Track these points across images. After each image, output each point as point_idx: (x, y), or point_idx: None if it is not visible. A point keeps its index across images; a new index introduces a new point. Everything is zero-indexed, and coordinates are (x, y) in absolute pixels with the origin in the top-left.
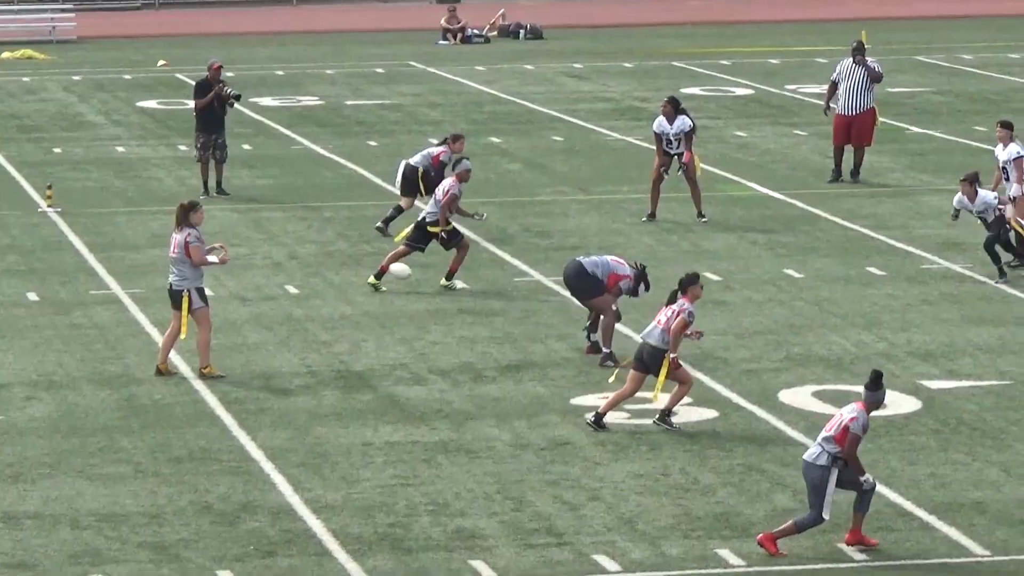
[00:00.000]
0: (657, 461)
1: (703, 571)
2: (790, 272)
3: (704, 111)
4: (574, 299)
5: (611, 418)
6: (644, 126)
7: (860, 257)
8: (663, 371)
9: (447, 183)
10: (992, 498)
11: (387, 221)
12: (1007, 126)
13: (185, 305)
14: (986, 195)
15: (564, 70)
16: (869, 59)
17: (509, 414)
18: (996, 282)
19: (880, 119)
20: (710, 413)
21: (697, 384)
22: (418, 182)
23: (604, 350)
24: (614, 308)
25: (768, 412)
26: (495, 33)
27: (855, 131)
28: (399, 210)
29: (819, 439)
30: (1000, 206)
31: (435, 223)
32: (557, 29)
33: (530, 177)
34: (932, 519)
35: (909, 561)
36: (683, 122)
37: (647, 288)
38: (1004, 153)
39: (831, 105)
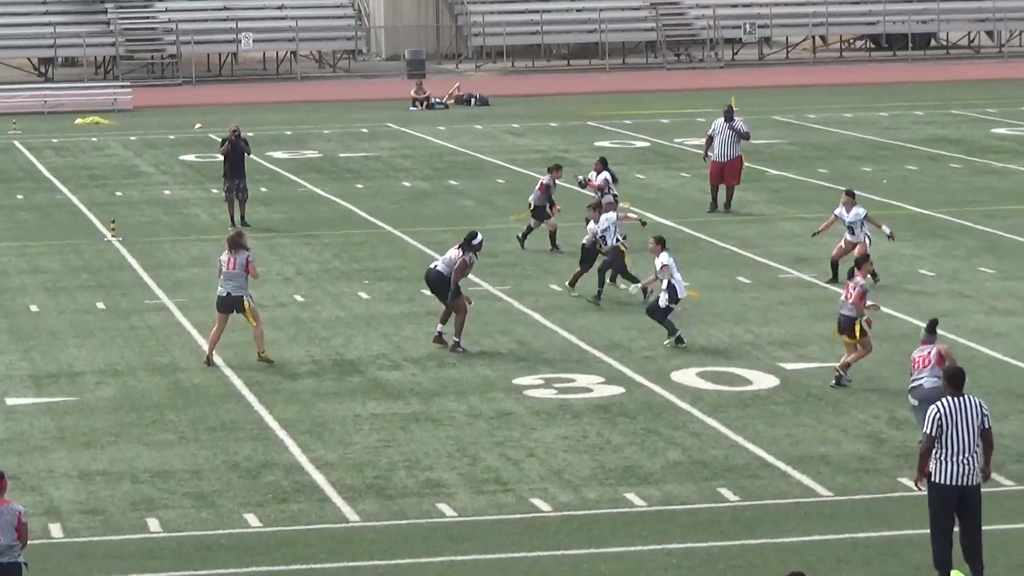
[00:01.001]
0: (579, 426)
1: (614, 510)
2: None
3: (613, 159)
4: (437, 298)
5: (542, 393)
6: (567, 171)
7: (732, 269)
8: (856, 333)
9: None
10: (834, 452)
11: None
12: (851, 194)
13: (246, 306)
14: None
15: (506, 129)
16: (737, 119)
17: (465, 391)
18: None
19: (746, 164)
20: (619, 390)
21: (606, 366)
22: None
23: (455, 339)
24: (468, 303)
25: (663, 388)
26: (452, 101)
27: (727, 174)
28: (530, 228)
29: (927, 374)
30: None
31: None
32: (500, 98)
33: (480, 211)
34: (788, 469)
35: (771, 501)
36: (605, 176)
37: (478, 247)
38: (850, 215)
39: (708, 154)
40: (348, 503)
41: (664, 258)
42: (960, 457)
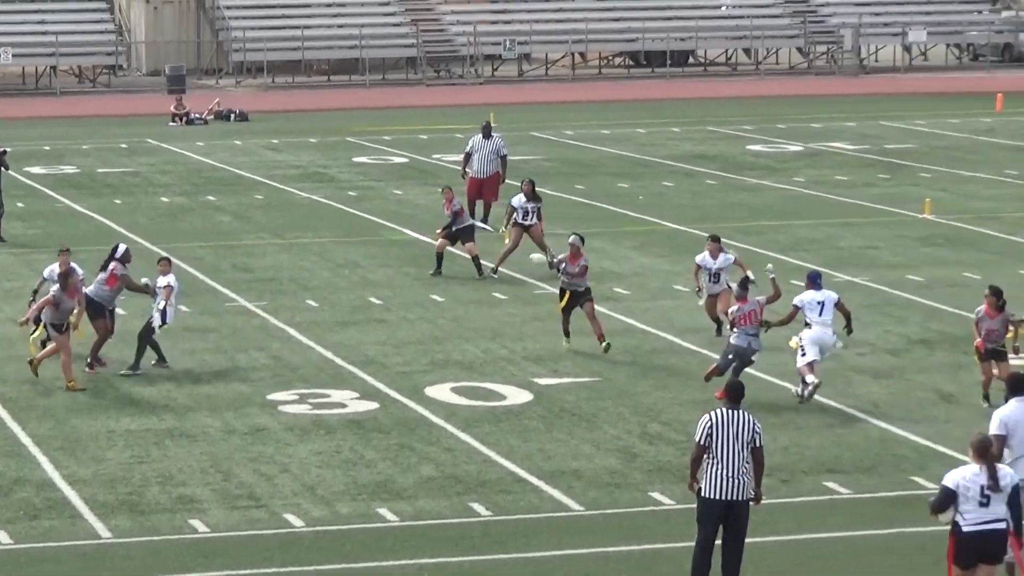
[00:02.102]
0: (332, 442)
1: (367, 525)
2: (435, 296)
3: (371, 175)
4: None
5: (296, 409)
6: (325, 186)
7: (487, 284)
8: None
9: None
10: (586, 467)
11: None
12: (716, 240)
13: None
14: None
15: (265, 144)
16: (496, 136)
17: (219, 407)
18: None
19: (506, 180)
20: (373, 405)
21: (361, 381)
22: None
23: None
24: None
25: (417, 403)
26: (212, 117)
27: (484, 189)
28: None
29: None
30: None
31: None
32: (261, 113)
33: (237, 226)
34: (541, 483)
35: (523, 516)
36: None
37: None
38: (718, 262)
39: (467, 170)
40: (100, 519)
41: (171, 279)
42: (728, 471)
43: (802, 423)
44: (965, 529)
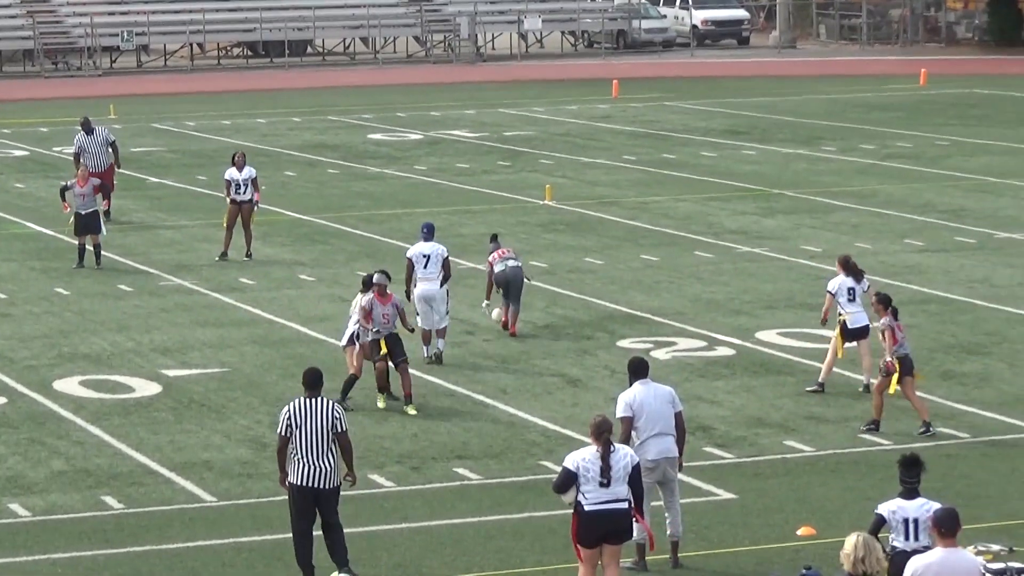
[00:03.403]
0: None
1: None
2: (60, 290)
3: None
4: None
5: None
6: None
7: (112, 277)
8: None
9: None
10: (217, 457)
11: None
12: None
13: None
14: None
15: None
16: (97, 127)
17: None
18: None
19: (125, 172)
20: (1, 399)
21: None
22: None
23: None
24: None
25: (45, 397)
26: None
27: (102, 182)
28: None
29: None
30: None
31: None
32: None
33: None
34: (172, 475)
35: (156, 508)
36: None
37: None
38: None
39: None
40: None
41: None
42: (311, 458)
43: (431, 410)
44: (587, 508)
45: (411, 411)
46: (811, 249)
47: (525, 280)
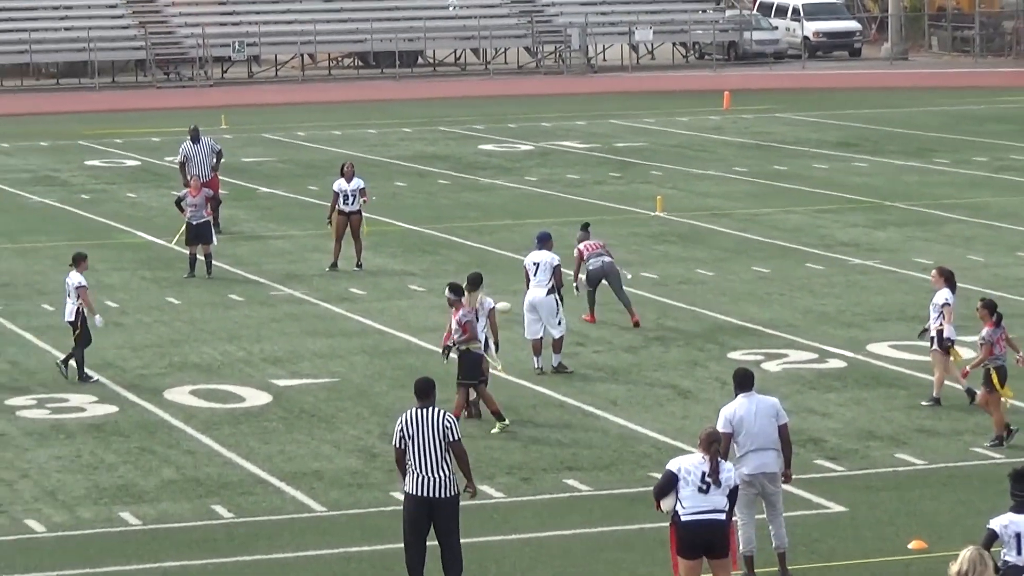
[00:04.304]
0: (72, 446)
1: (110, 529)
2: (171, 299)
3: (103, 178)
4: None
5: (35, 413)
6: (58, 190)
7: (223, 287)
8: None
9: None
10: (327, 467)
11: None
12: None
13: None
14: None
15: None
16: (204, 136)
17: None
18: None
19: (231, 181)
20: (112, 408)
21: (100, 385)
22: None
23: None
24: None
25: (156, 407)
26: None
27: (214, 194)
28: None
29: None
30: None
31: None
32: None
33: None
34: (282, 485)
35: (265, 517)
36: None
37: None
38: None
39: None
40: None
41: None
42: (426, 468)
43: (541, 421)
44: (683, 518)
45: (496, 428)
46: (923, 261)
47: (625, 275)
